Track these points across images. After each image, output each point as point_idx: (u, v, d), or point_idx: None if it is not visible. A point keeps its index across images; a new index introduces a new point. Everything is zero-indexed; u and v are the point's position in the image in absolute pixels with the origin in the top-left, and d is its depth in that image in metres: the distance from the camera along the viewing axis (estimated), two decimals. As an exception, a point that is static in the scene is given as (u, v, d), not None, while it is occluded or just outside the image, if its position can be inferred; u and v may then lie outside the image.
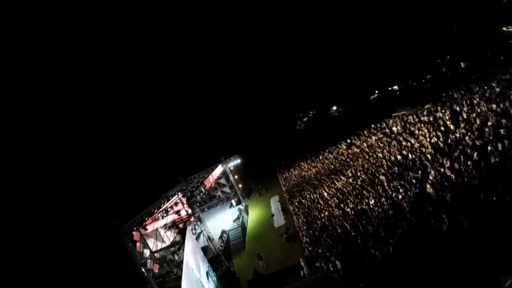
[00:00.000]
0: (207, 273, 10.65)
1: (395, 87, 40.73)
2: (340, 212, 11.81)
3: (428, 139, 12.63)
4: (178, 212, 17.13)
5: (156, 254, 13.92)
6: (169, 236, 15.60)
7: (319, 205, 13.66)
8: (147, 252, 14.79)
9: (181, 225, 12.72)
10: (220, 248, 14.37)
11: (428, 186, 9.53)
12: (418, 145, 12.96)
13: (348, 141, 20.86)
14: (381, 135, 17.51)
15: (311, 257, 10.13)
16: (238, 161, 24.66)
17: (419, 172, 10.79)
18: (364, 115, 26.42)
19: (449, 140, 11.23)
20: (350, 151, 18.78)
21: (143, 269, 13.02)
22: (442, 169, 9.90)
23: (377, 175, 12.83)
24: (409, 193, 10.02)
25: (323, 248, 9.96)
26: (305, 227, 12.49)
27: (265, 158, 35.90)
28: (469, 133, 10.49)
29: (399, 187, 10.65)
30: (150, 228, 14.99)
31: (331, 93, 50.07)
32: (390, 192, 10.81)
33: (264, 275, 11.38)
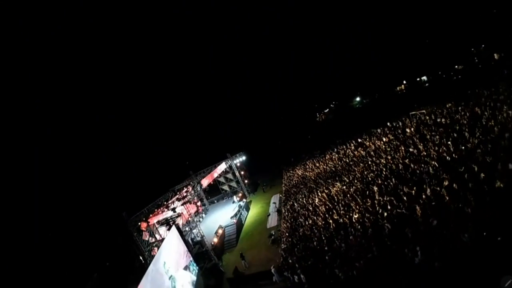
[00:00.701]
0: (187, 267, 11.49)
1: (424, 77, 35.18)
2: (323, 222, 11.31)
3: (436, 148, 10.93)
4: (184, 204, 18.54)
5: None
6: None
7: (306, 212, 13.24)
8: (152, 240, 16.64)
9: (171, 222, 13.72)
10: (212, 243, 15.26)
11: (418, 207, 8.44)
12: (424, 153, 11.34)
13: (359, 140, 19.26)
14: (392, 137, 15.68)
15: (281, 265, 10.09)
16: (243, 158, 25.07)
17: (414, 188, 9.56)
18: (384, 110, 23.78)
19: (458, 152, 9.56)
20: (356, 152, 17.36)
21: (146, 256, 14.76)
22: (438, 188, 8.62)
23: (371, 186, 11.76)
24: (395, 211, 9.04)
25: (294, 259, 9.81)
26: (287, 234, 12.34)
27: (277, 152, 35.46)
28: (481, 146, 8.71)
29: (388, 203, 9.63)
30: (154, 220, 16.63)
31: (356, 82, 45.50)
32: (377, 208, 9.87)
33: (244, 274, 11.81)
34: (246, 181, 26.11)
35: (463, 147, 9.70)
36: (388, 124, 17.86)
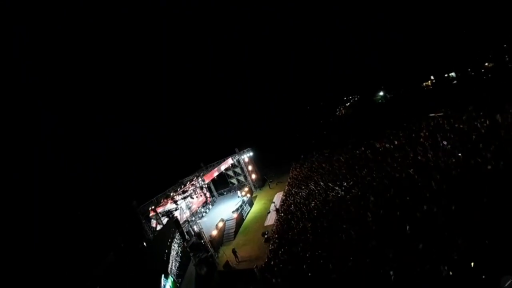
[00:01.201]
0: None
1: (452, 74, 30.79)
2: (313, 228, 11.15)
3: (445, 158, 9.77)
4: (185, 198, 19.76)
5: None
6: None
7: (300, 215, 13.12)
8: (159, 227, 18.19)
9: (170, 215, 14.75)
10: (211, 236, 16.14)
11: (407, 226, 7.84)
12: (432, 164, 10.23)
13: (371, 141, 18.01)
14: (404, 141, 14.33)
15: (264, 266, 10.33)
16: (251, 154, 25.39)
17: (410, 203, 8.80)
18: (406, 108, 21.68)
19: (466, 167, 8.45)
20: (362, 155, 16.34)
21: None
22: (435, 208, 7.81)
23: (368, 194, 11.10)
24: (384, 227, 8.49)
25: (277, 262, 9.96)
26: (276, 235, 12.44)
27: (289, 147, 34.84)
28: (492, 162, 7.55)
29: (379, 217, 9.06)
30: (160, 209, 18.06)
31: (382, 75, 41.35)
32: (368, 221, 9.35)
33: (234, 269, 12.39)
34: (253, 176, 26.50)
35: (472, 161, 8.55)
36: (405, 124, 16.32)
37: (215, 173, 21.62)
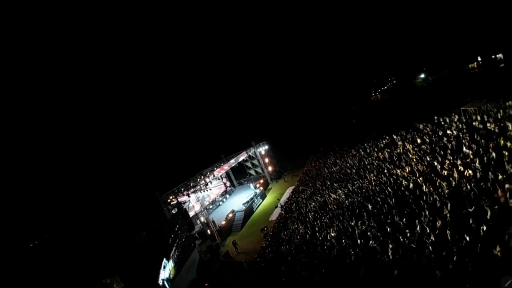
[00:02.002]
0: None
1: (500, 55, 23.34)
2: (304, 231, 11.09)
3: (462, 168, 8.16)
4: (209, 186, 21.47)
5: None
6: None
7: (296, 215, 13.07)
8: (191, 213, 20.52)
9: (180, 206, 16.48)
10: (220, 225, 17.57)
11: (390, 247, 7.17)
12: (445, 172, 8.69)
13: (394, 136, 15.95)
14: (428, 140, 12.26)
15: (253, 261, 10.93)
16: (266, 147, 25.60)
17: (404, 219, 7.86)
18: (443, 94, 18.14)
19: (482, 183, 6.96)
20: (380, 154, 14.69)
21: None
22: (429, 229, 6.82)
23: (366, 202, 10.26)
24: (369, 242, 7.90)
25: (262, 260, 10.45)
26: (271, 233, 12.75)
27: (312, 138, 33.23)
28: None
29: (369, 233, 8.42)
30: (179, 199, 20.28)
31: (424, 56, 34.03)
32: (356, 232, 8.80)
33: (232, 259, 13.46)
34: (270, 168, 26.78)
35: (491, 176, 7.00)
36: (435, 117, 13.83)
37: (225, 167, 22.72)
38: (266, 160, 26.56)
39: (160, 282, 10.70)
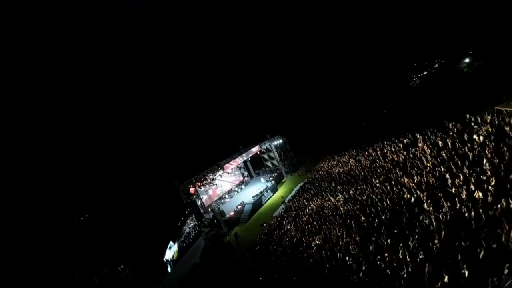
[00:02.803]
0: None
1: None
2: (293, 234, 11.08)
3: (474, 188, 6.82)
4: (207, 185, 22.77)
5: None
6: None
7: (294, 216, 13.00)
8: (198, 201, 22.54)
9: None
10: (228, 215, 18.71)
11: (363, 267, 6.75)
12: (454, 189, 7.36)
13: (417, 135, 13.81)
14: (450, 144, 10.28)
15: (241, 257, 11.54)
16: (280, 141, 25.20)
17: (388, 240, 7.15)
18: (484, 84, 14.65)
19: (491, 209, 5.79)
20: (395, 156, 13.05)
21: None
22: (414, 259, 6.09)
23: (359, 212, 9.52)
24: (347, 258, 7.51)
25: (249, 256, 10.98)
26: (266, 231, 13.01)
27: (338, 131, 30.83)
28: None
29: (351, 248, 7.98)
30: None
31: (472, 37, 26.06)
32: (340, 245, 8.41)
33: (232, 250, 14.43)
34: (285, 162, 26.45)
35: (504, 203, 5.77)
36: (468, 116, 11.38)
37: (238, 160, 23.35)
38: (282, 152, 26.25)
39: (164, 261, 12.34)
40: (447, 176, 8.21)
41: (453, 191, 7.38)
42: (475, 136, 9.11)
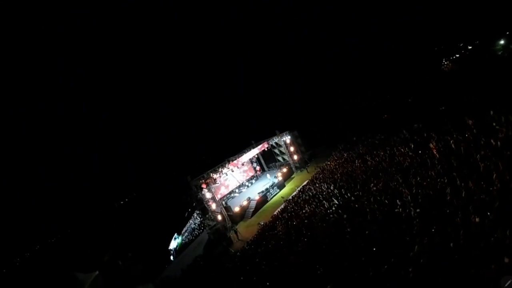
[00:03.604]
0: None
1: None
2: (278, 237, 11.07)
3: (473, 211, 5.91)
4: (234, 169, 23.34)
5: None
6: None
7: (288, 218, 12.86)
8: (209, 195, 23.61)
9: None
10: (234, 211, 19.33)
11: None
12: (450, 209, 6.43)
13: (427, 136, 12.16)
14: (463, 149, 8.79)
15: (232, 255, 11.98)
16: (289, 137, 24.50)
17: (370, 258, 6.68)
18: None
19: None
20: (402, 159, 11.72)
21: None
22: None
23: (346, 224, 8.99)
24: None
25: (238, 255, 11.35)
26: (259, 230, 13.13)
27: (356, 123, 28.47)
28: None
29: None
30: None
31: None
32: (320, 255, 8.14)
33: (232, 245, 15.02)
34: (295, 157, 25.75)
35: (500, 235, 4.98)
36: (492, 112, 9.52)
37: (246, 157, 23.48)
38: (292, 148, 25.59)
39: (169, 249, 13.51)
40: (447, 191, 7.13)
41: (448, 211, 6.41)
42: (492, 141, 7.60)
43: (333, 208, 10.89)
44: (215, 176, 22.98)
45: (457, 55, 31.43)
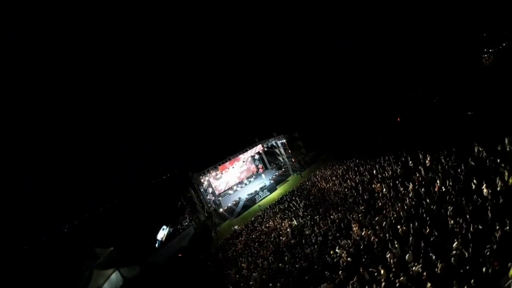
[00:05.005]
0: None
1: None
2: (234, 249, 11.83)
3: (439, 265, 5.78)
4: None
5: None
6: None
7: (253, 228, 13.46)
8: (210, 189, 25.24)
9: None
10: (223, 209, 20.65)
11: None
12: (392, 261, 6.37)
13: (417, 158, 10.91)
14: (451, 191, 7.95)
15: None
16: (283, 141, 24.20)
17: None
18: None
19: None
20: (378, 186, 10.95)
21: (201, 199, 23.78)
22: None
23: (287, 251, 9.21)
24: None
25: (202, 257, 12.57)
26: (229, 235, 13.98)
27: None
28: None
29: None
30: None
31: None
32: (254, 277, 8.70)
33: (212, 241, 16.43)
34: (293, 160, 25.38)
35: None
36: (506, 141, 8.25)
37: (242, 157, 24.11)
38: (289, 150, 25.24)
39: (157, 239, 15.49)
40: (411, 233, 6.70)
41: (391, 263, 6.19)
42: (484, 189, 6.74)
43: (289, 230, 11.08)
44: (214, 173, 24.48)
45: (504, 45, 24.62)
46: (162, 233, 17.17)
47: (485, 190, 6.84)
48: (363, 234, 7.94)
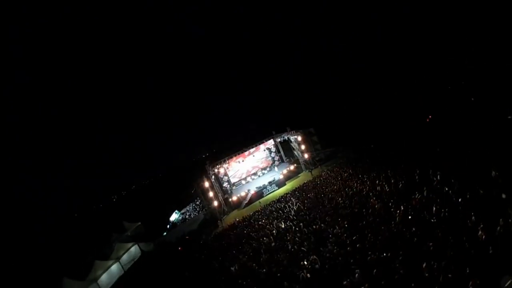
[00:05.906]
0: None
1: None
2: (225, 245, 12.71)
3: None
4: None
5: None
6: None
7: (246, 225, 14.14)
8: (225, 178, 26.85)
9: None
10: (232, 199, 21.92)
11: None
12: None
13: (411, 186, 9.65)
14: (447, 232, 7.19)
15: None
16: (295, 136, 23.47)
17: None
18: None
19: None
20: (372, 201, 10.29)
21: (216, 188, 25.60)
22: None
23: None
24: None
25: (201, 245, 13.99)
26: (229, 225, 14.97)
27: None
28: None
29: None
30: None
31: None
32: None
33: (217, 230, 17.88)
34: (306, 156, 24.58)
35: None
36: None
37: (253, 150, 24.58)
38: (303, 147, 24.45)
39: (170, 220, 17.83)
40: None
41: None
42: (480, 232, 5.92)
43: (274, 232, 11.38)
44: (229, 162, 25.78)
45: None
46: (174, 216, 19.44)
47: (480, 233, 5.85)
48: (334, 251, 7.78)
